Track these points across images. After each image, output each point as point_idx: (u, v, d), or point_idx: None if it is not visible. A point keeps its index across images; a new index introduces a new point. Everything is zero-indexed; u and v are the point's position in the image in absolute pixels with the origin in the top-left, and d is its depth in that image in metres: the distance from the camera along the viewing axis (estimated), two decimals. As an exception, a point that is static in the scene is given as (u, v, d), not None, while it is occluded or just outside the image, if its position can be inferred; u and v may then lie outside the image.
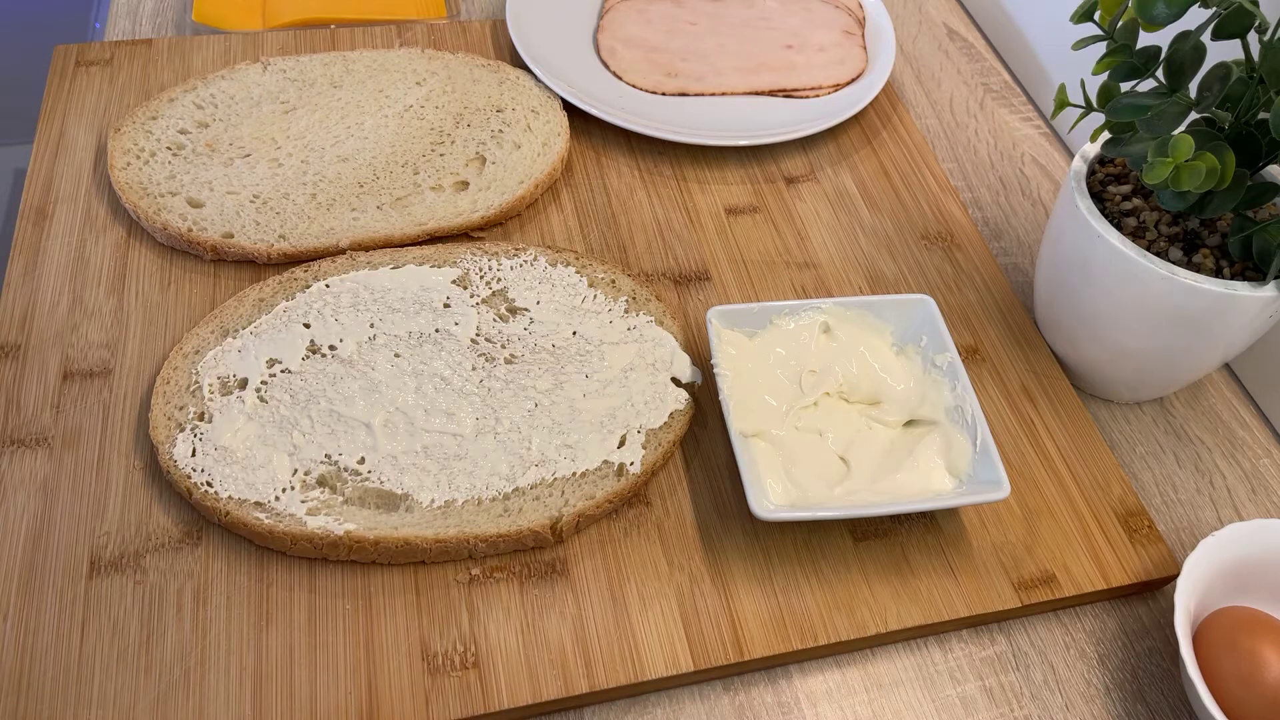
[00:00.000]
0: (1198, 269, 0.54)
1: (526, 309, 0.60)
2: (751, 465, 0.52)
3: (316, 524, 0.50)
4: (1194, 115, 0.52)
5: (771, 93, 0.77)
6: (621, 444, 0.54)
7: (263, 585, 0.50)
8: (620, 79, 0.77)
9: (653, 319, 0.60)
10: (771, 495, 0.52)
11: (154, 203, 0.63)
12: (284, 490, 0.51)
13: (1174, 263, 0.54)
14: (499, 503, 0.52)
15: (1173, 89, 0.52)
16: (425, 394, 0.55)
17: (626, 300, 0.61)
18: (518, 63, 0.77)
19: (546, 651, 0.49)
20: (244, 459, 0.52)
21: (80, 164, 0.67)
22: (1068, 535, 0.55)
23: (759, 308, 0.58)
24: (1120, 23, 0.53)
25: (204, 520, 0.52)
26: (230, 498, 0.51)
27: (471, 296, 0.60)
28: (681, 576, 0.52)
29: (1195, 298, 0.53)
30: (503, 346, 0.58)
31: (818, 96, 0.77)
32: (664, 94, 0.76)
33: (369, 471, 0.52)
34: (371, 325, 0.58)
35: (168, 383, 0.55)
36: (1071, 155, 0.77)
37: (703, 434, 0.58)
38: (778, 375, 0.57)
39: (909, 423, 0.57)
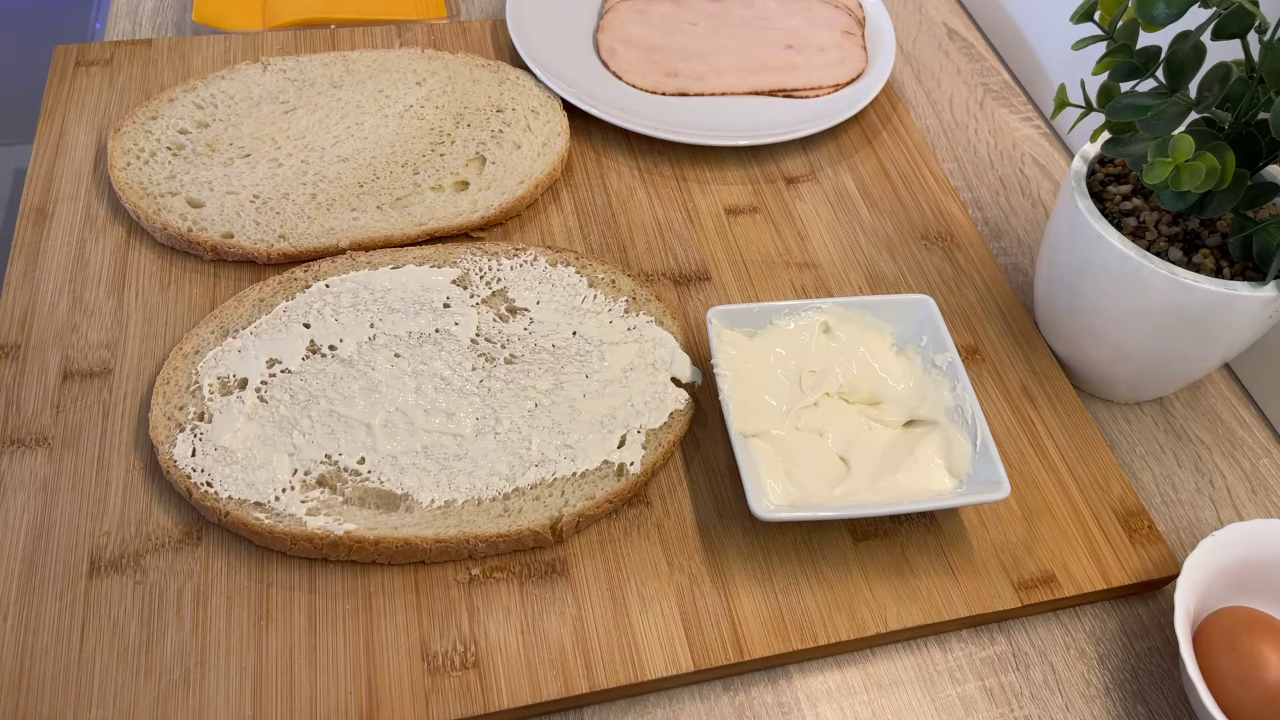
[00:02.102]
0: (1198, 269, 0.54)
1: (526, 309, 0.60)
2: (751, 465, 0.52)
3: (316, 524, 0.50)
4: (1194, 115, 0.52)
5: (771, 93, 0.77)
6: (621, 444, 0.54)
7: (263, 585, 0.50)
8: (620, 79, 0.77)
9: (653, 319, 0.60)
10: (771, 495, 0.52)
11: (154, 203, 0.63)
12: (284, 490, 0.51)
13: (1174, 263, 0.54)
14: (499, 503, 0.52)
15: (1173, 89, 0.52)
16: (425, 394, 0.55)
17: (626, 300, 0.61)
18: (518, 63, 0.77)
19: (546, 651, 0.49)
20: (244, 459, 0.52)
21: (80, 164, 0.67)
22: (1068, 535, 0.55)
23: (759, 308, 0.58)
24: (1120, 23, 0.53)
25: (204, 520, 0.52)
26: (230, 498, 0.51)
27: (471, 296, 0.60)
28: (681, 576, 0.52)
29: (1195, 298, 0.53)
30: (503, 346, 0.58)
31: (818, 96, 0.77)
32: (664, 94, 0.76)
33: (369, 471, 0.52)
34: (371, 325, 0.58)
35: (168, 383, 0.55)
36: (1071, 155, 0.77)
37: (703, 434, 0.58)
38: (778, 375, 0.57)
39: (909, 423, 0.57)
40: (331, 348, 0.57)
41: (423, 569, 0.51)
